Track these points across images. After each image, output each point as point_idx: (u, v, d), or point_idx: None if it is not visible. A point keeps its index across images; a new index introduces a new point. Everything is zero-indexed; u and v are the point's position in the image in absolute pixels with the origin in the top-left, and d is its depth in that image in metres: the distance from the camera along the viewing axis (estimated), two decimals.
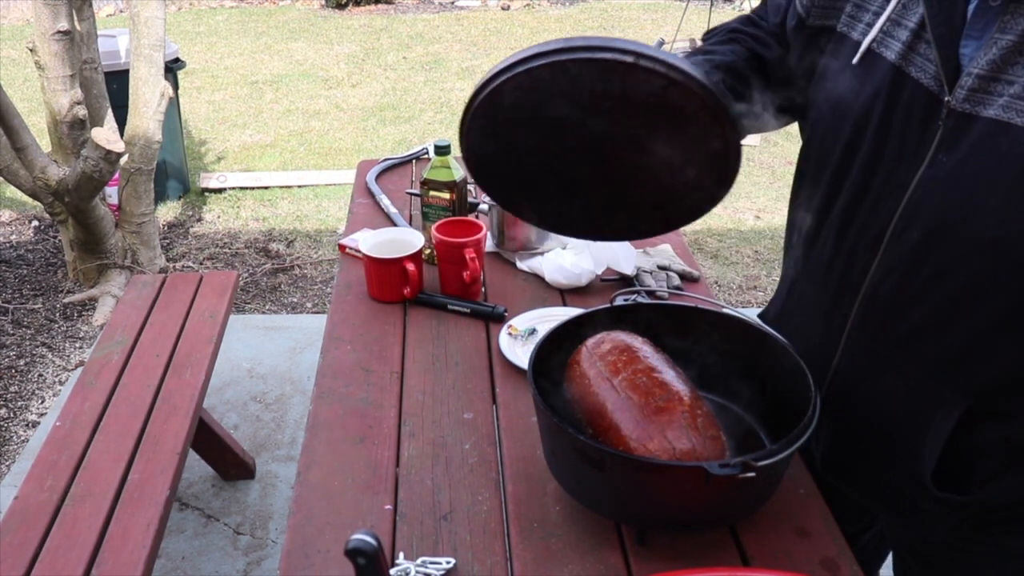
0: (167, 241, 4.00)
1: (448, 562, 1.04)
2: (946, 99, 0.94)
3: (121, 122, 3.50)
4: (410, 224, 1.94)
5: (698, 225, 4.04)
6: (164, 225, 4.15)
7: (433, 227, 1.64)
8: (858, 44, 1.07)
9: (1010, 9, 0.90)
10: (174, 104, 4.18)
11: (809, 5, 1.16)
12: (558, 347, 1.18)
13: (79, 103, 3.19)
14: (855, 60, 1.06)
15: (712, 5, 6.75)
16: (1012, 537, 1.11)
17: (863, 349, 1.11)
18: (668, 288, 1.66)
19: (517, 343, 1.48)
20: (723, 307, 1.24)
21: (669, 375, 1.09)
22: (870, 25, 1.06)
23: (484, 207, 1.84)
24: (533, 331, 1.50)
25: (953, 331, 1.01)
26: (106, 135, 3.02)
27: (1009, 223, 0.91)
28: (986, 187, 0.92)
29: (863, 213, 1.07)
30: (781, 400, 1.13)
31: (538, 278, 1.70)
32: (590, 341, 1.16)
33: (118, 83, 3.80)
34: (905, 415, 1.09)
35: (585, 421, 1.10)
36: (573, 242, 1.72)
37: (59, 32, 3.04)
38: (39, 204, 3.58)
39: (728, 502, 1.02)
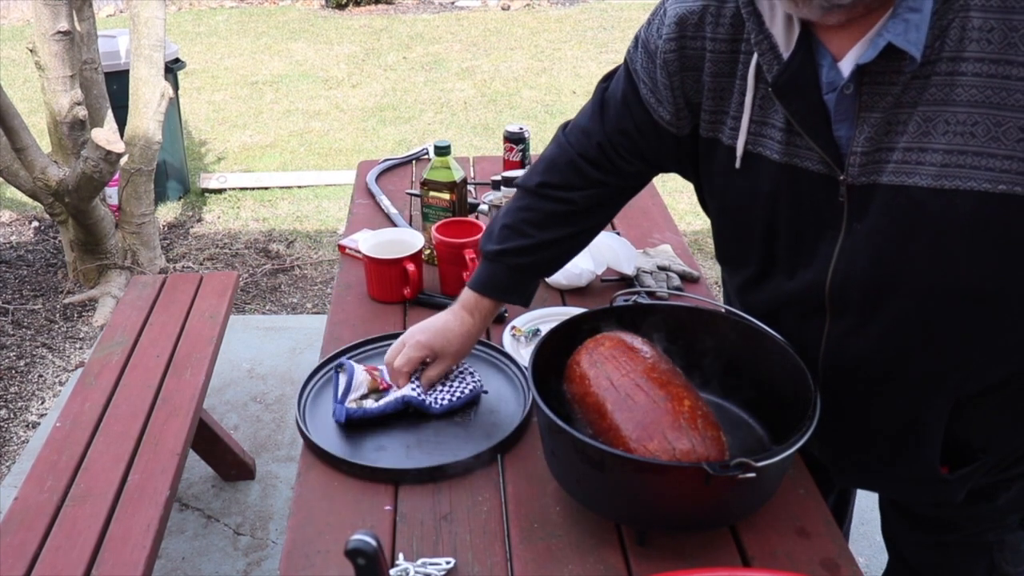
0: (167, 242, 4.00)
1: (448, 562, 1.04)
2: (841, 177, 0.99)
3: (121, 122, 3.50)
4: (410, 224, 1.94)
5: (698, 225, 4.04)
6: (164, 226, 4.15)
7: (433, 228, 1.64)
8: (731, 149, 1.09)
9: (864, 91, 0.95)
10: (174, 104, 4.18)
11: (675, 120, 1.14)
12: (558, 347, 1.18)
13: (79, 103, 3.19)
14: (738, 165, 1.08)
15: None
16: None
17: (840, 390, 1.13)
18: (668, 288, 1.66)
19: (521, 344, 1.48)
20: (723, 307, 1.24)
21: (669, 375, 1.09)
22: (735, 129, 1.08)
23: (484, 207, 1.84)
24: (537, 331, 1.50)
25: (923, 365, 1.06)
26: (106, 135, 3.02)
27: (939, 268, 0.97)
28: (907, 241, 0.97)
29: (799, 287, 1.10)
30: (781, 400, 1.13)
31: None
32: (590, 341, 1.16)
33: (118, 83, 3.80)
34: (897, 426, 1.13)
35: (585, 421, 1.10)
36: None
37: (59, 32, 3.04)
38: (39, 205, 3.58)
39: (728, 502, 1.02)
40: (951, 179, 0.92)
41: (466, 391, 1.31)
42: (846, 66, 0.96)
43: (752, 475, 0.93)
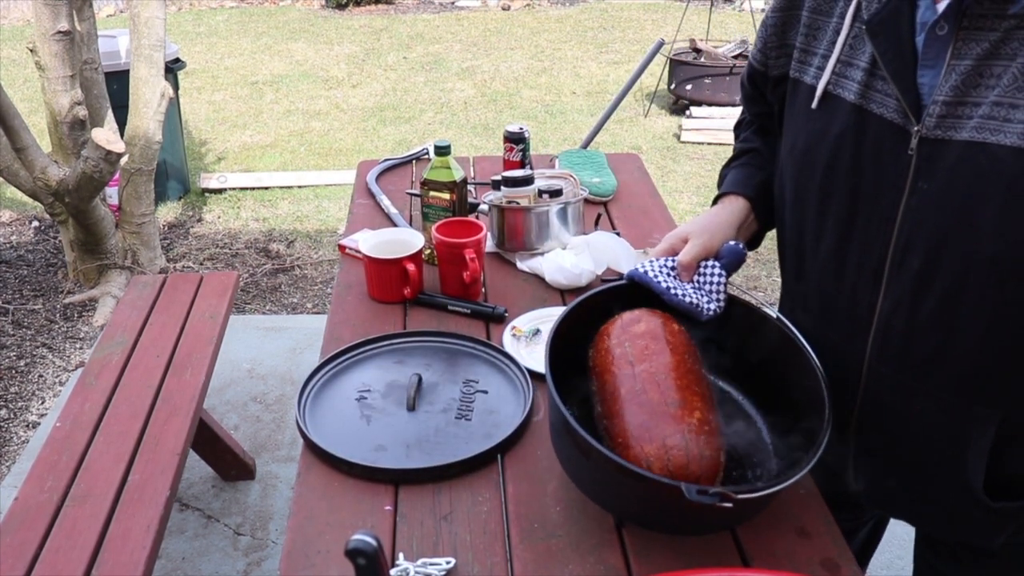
0: (167, 241, 4.00)
1: (448, 562, 1.04)
2: (915, 129, 0.95)
3: (121, 122, 3.50)
4: (410, 224, 1.94)
5: None
6: (164, 225, 4.15)
7: (433, 227, 1.64)
8: (813, 88, 1.08)
9: (960, 36, 0.91)
10: (174, 104, 4.18)
11: (763, 58, 1.19)
12: (588, 316, 1.16)
13: (79, 103, 3.19)
14: (814, 105, 1.07)
15: (712, 5, 6.75)
16: None
17: (885, 380, 1.09)
18: None
19: (521, 344, 1.48)
20: (755, 301, 1.22)
21: (690, 379, 1.06)
22: (821, 68, 1.07)
23: (484, 207, 1.84)
24: (537, 331, 1.50)
25: (973, 349, 1.00)
26: (106, 135, 3.02)
27: (1007, 235, 0.91)
28: (976, 205, 0.92)
29: (855, 250, 1.07)
30: (795, 414, 1.10)
31: (538, 278, 1.70)
32: (627, 315, 1.13)
33: (118, 83, 3.80)
34: (941, 435, 1.07)
35: (598, 394, 1.09)
36: (573, 242, 1.72)
37: (59, 32, 3.04)
38: (39, 204, 3.58)
39: (708, 518, 1.00)
40: None
41: (715, 278, 1.23)
42: (944, 4, 0.91)
43: (729, 505, 0.90)
